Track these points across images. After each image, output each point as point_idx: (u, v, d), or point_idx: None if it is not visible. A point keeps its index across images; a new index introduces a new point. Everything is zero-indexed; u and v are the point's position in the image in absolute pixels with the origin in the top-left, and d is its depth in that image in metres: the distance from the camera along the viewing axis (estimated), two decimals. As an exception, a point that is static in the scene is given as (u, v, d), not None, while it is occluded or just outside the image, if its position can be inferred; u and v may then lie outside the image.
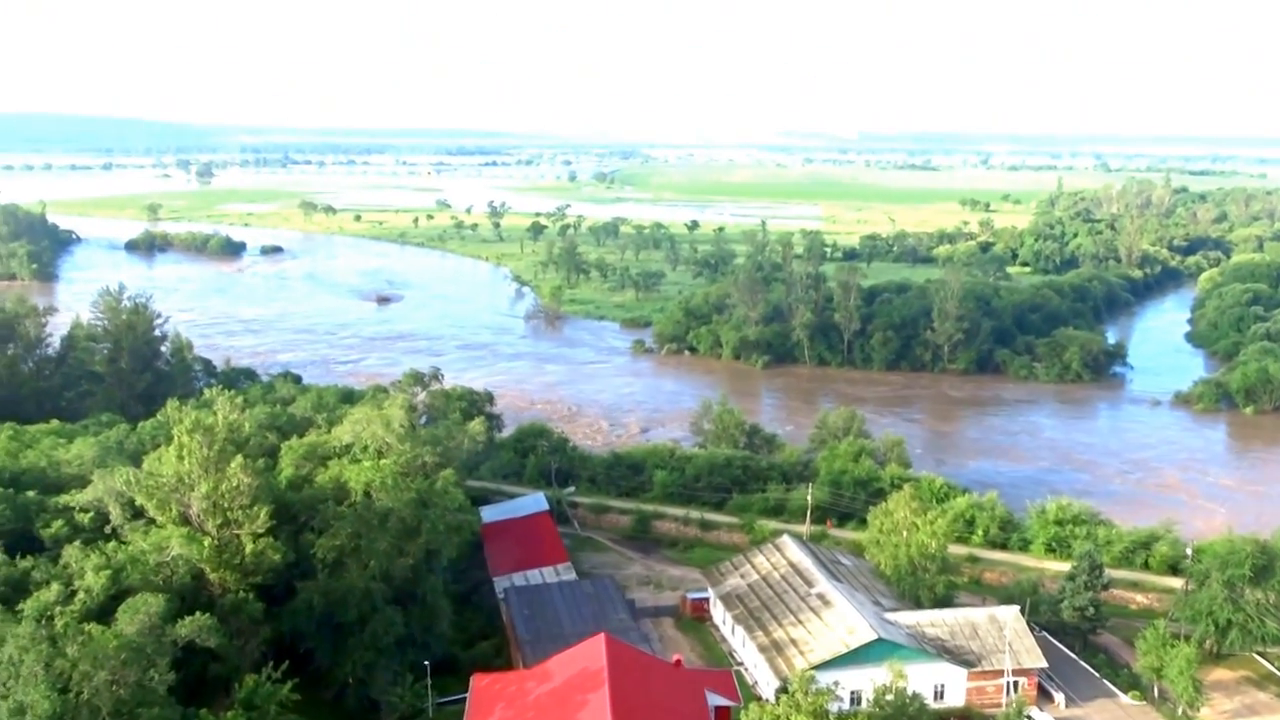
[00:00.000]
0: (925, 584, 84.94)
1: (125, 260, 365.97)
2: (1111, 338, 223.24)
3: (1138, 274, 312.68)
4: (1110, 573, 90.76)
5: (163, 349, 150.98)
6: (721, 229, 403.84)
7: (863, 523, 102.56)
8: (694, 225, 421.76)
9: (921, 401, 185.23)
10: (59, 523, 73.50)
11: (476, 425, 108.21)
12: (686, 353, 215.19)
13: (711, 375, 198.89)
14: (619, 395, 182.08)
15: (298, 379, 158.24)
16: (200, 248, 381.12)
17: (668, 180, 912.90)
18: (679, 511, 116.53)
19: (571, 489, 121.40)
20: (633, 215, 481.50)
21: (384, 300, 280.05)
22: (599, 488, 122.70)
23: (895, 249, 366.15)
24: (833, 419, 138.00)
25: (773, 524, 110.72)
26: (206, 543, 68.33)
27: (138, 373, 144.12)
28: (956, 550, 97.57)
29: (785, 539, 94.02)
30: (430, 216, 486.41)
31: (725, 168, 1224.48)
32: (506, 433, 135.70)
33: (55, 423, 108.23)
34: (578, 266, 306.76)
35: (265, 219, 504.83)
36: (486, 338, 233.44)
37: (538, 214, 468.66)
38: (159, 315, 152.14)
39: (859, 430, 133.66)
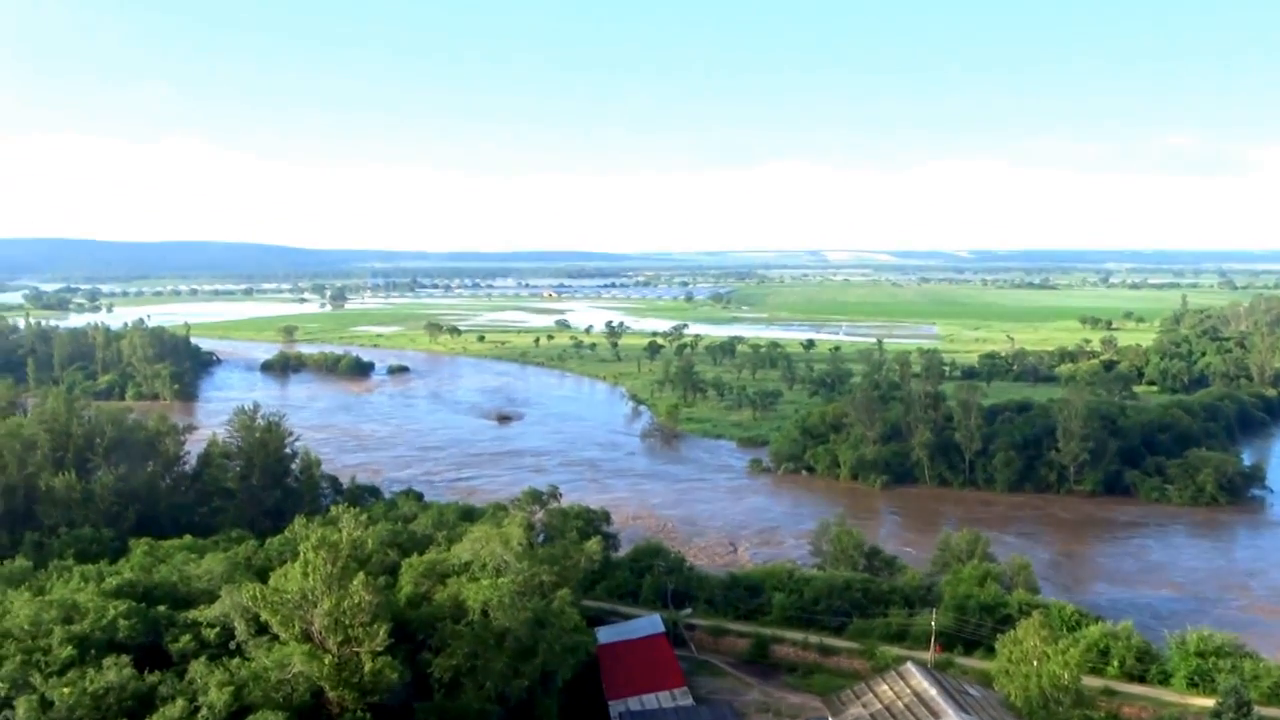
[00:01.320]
0: (1059, 718, 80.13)
1: (261, 380, 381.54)
2: (1247, 459, 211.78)
3: (1271, 392, 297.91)
4: (1259, 710, 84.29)
5: (292, 466, 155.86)
6: (837, 348, 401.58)
7: (990, 650, 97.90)
8: (810, 344, 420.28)
9: (1047, 524, 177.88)
10: (186, 637, 74.82)
11: (593, 544, 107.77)
12: (804, 472, 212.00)
13: (829, 495, 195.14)
14: (736, 514, 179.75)
15: (419, 496, 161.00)
16: (331, 368, 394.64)
17: (783, 300, 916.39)
18: (798, 635, 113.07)
19: (688, 610, 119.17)
20: (749, 334, 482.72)
21: (505, 418, 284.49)
22: (716, 609, 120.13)
23: (1015, 367, 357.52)
24: (956, 541, 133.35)
25: (895, 650, 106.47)
26: (327, 660, 68.75)
27: (268, 489, 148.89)
28: (1091, 682, 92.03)
29: (909, 666, 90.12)
30: (551, 337, 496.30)
31: (840, 287, 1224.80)
32: (623, 552, 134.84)
33: (189, 538, 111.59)
34: (694, 385, 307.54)
35: (393, 340, 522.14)
36: (604, 455, 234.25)
37: (655, 334, 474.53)
38: (290, 433, 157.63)
39: (983, 553, 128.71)
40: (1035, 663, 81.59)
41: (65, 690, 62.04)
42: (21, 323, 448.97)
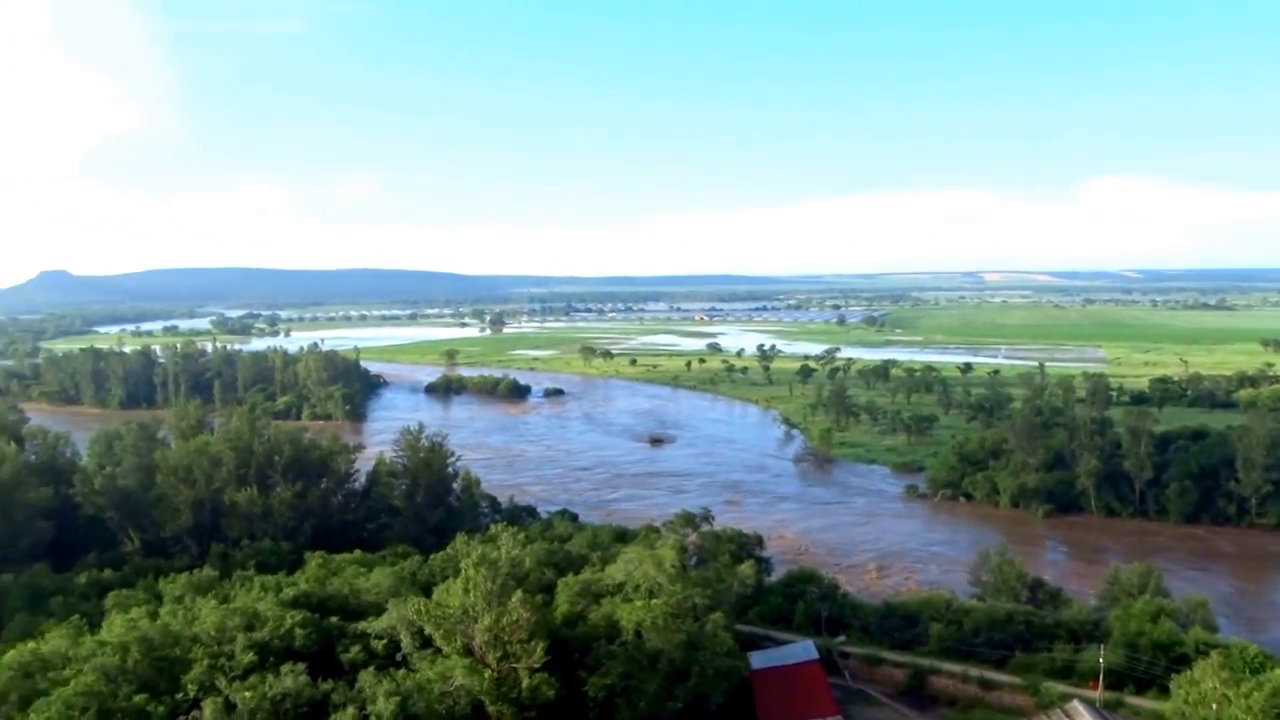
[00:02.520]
0: (1240, 766, 75.77)
1: (424, 402, 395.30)
2: None
3: None
4: None
5: (454, 485, 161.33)
6: (996, 372, 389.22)
7: (1163, 691, 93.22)
8: (967, 368, 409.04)
9: (1224, 558, 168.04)
10: (356, 648, 78.27)
11: (746, 568, 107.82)
12: (961, 499, 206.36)
13: (989, 523, 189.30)
14: (891, 541, 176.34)
15: (574, 517, 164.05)
16: (490, 391, 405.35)
17: (938, 323, 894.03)
18: (957, 668, 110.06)
19: (843, 638, 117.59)
20: (903, 358, 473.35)
21: (657, 441, 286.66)
22: (871, 638, 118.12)
23: (1189, 393, 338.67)
24: (1126, 574, 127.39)
25: (1060, 687, 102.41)
26: (487, 675, 71.02)
27: (431, 507, 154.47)
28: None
29: (1076, 705, 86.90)
30: (702, 360, 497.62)
31: (998, 309, 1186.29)
32: (775, 576, 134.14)
33: (358, 552, 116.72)
34: (847, 409, 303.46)
35: (549, 363, 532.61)
36: (755, 480, 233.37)
37: (807, 357, 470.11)
38: (452, 454, 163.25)
39: (1156, 588, 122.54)
40: (1214, 705, 77.51)
41: (247, 694, 65.94)
42: (210, 347, 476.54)
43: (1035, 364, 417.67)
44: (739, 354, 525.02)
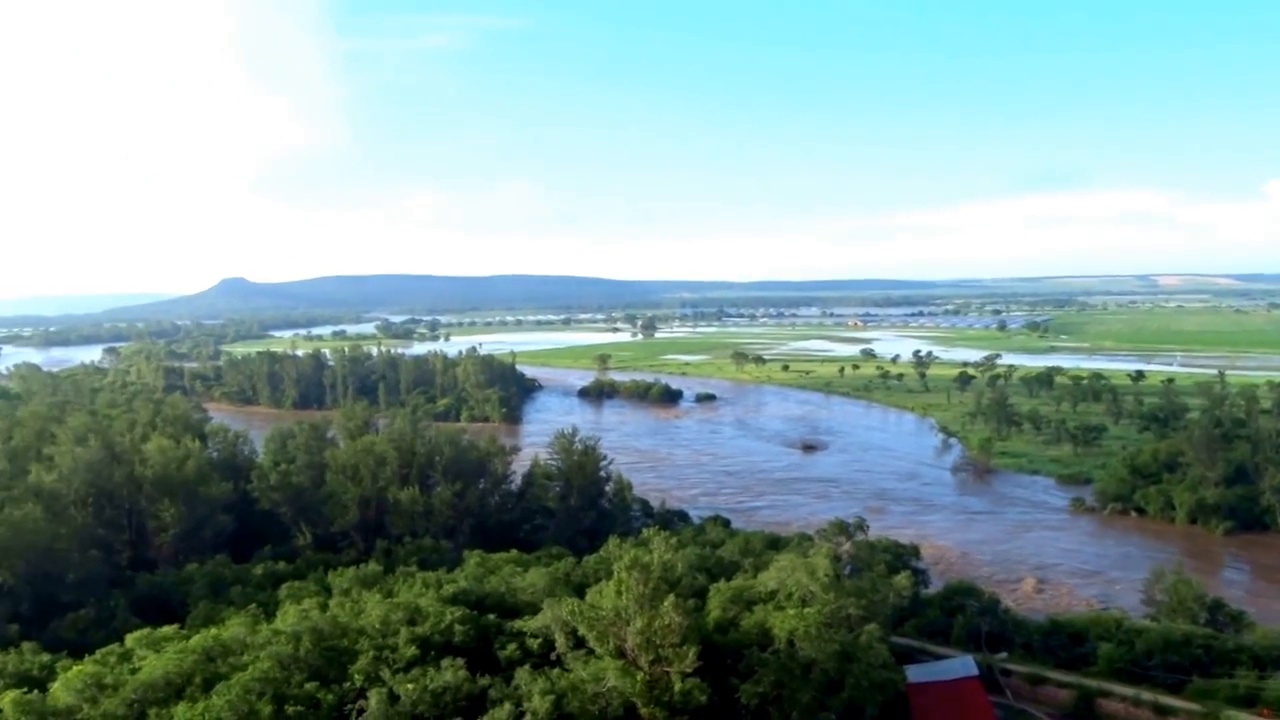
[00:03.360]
0: None
1: (577, 405, 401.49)
2: None
3: None
4: None
5: (606, 488, 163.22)
6: (1170, 380, 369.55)
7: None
8: (1139, 376, 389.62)
9: None
10: (512, 646, 79.88)
11: (902, 579, 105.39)
12: (1133, 513, 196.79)
13: (1162, 540, 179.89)
14: (1055, 556, 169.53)
15: (726, 523, 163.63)
16: (642, 395, 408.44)
17: (1107, 328, 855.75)
18: (1128, 691, 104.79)
19: (1004, 655, 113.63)
20: (1068, 365, 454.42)
21: (809, 448, 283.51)
22: (1034, 656, 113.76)
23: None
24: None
25: (1243, 716, 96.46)
26: (639, 677, 71.42)
27: (584, 510, 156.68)
28: None
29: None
30: (856, 366, 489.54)
31: (1173, 314, 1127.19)
32: (933, 589, 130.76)
33: (514, 552, 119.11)
34: (1009, 418, 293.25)
35: (700, 369, 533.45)
36: (911, 489, 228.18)
37: (965, 364, 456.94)
38: (605, 457, 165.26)
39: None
40: None
41: (409, 686, 68.12)
42: (375, 351, 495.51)
43: (1214, 372, 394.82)
44: (894, 360, 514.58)
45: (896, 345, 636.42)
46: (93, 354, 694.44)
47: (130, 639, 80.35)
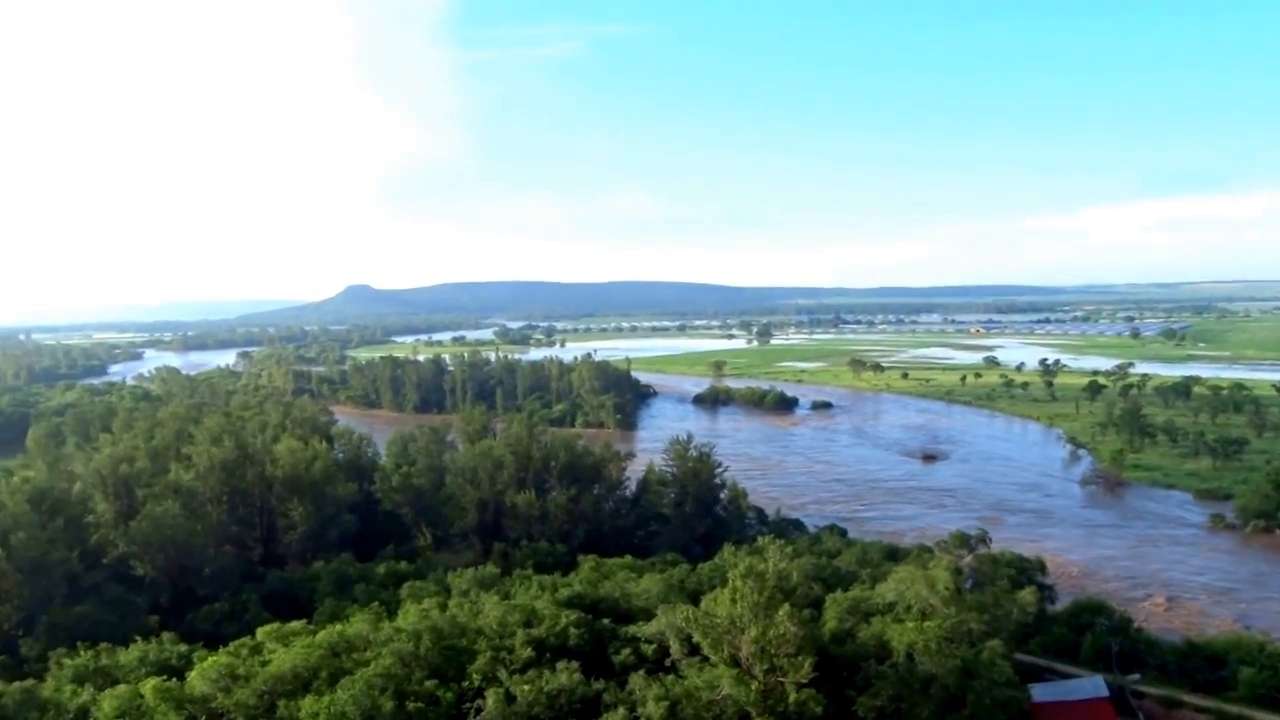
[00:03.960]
0: None
1: (692, 412, 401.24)
2: None
3: None
4: None
5: (721, 495, 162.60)
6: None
7: None
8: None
9: None
10: (626, 651, 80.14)
11: (1027, 594, 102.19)
12: (1277, 531, 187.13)
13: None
14: (1190, 575, 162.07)
15: (843, 532, 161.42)
16: (757, 402, 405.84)
17: (1250, 336, 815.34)
18: (1271, 719, 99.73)
19: (1137, 676, 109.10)
20: (1207, 375, 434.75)
21: (929, 457, 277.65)
22: (1169, 679, 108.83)
23: None
24: None
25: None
26: (754, 686, 70.84)
27: (699, 517, 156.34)
28: None
29: None
30: (978, 375, 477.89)
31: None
32: (1060, 605, 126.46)
33: (628, 558, 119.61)
34: (1142, 429, 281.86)
35: (816, 376, 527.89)
36: (1037, 502, 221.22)
37: (1095, 372, 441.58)
38: (719, 464, 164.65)
39: None
40: None
41: (526, 687, 68.98)
42: (493, 356, 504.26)
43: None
44: (1019, 368, 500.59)
45: (1021, 353, 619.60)
46: (227, 358, 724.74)
47: (261, 632, 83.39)
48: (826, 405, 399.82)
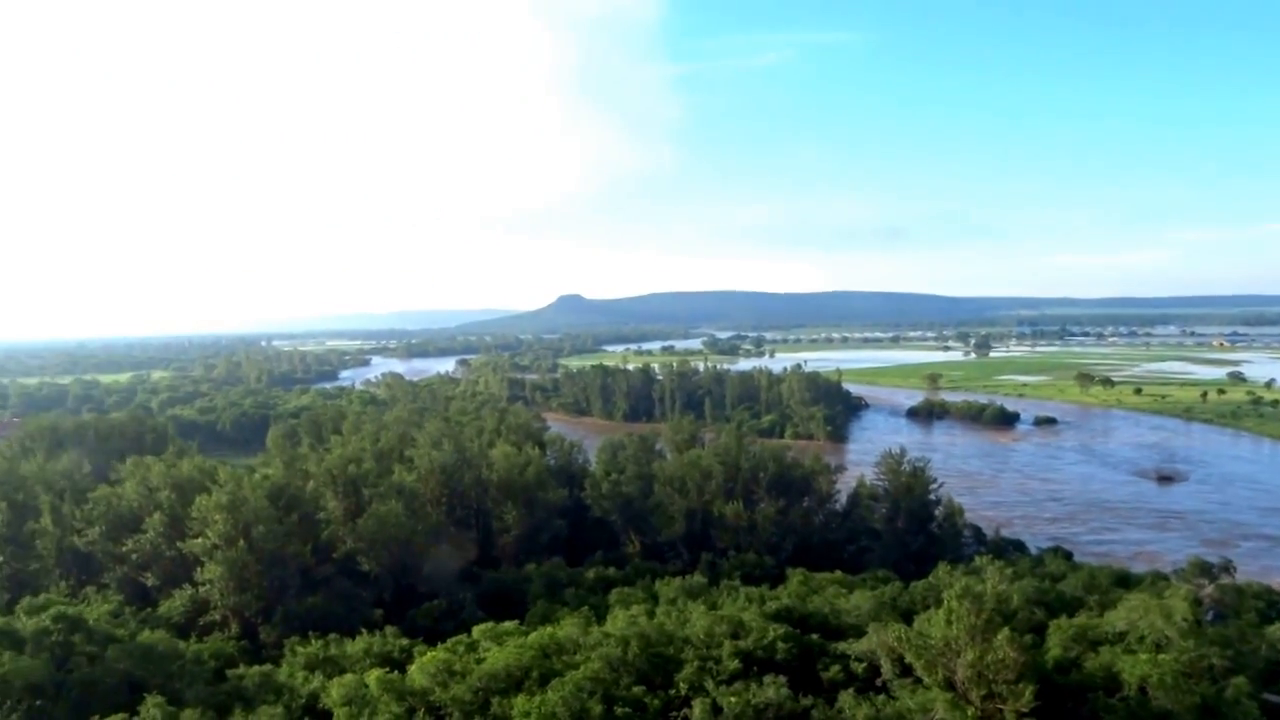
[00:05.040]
0: None
1: (905, 426, 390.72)
2: None
3: None
4: None
5: (936, 512, 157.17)
6: None
7: None
8: None
9: None
10: (835, 667, 78.34)
11: (1277, 630, 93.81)
12: None
13: None
14: None
15: (1068, 555, 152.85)
16: (975, 417, 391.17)
17: None
18: None
19: None
20: None
21: (1165, 478, 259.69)
22: None
23: None
24: None
25: None
26: (970, 712, 67.82)
27: (912, 533, 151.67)
28: None
29: None
30: (1221, 391, 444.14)
31: None
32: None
33: (838, 573, 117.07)
34: None
35: (1039, 390, 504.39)
36: (1268, 524, 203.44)
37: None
38: (934, 480, 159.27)
39: None
40: None
41: (732, 699, 68.38)
42: (701, 366, 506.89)
43: None
44: (1269, 385, 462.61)
45: (1271, 368, 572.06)
46: (447, 365, 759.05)
47: (476, 631, 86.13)
48: (1050, 421, 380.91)
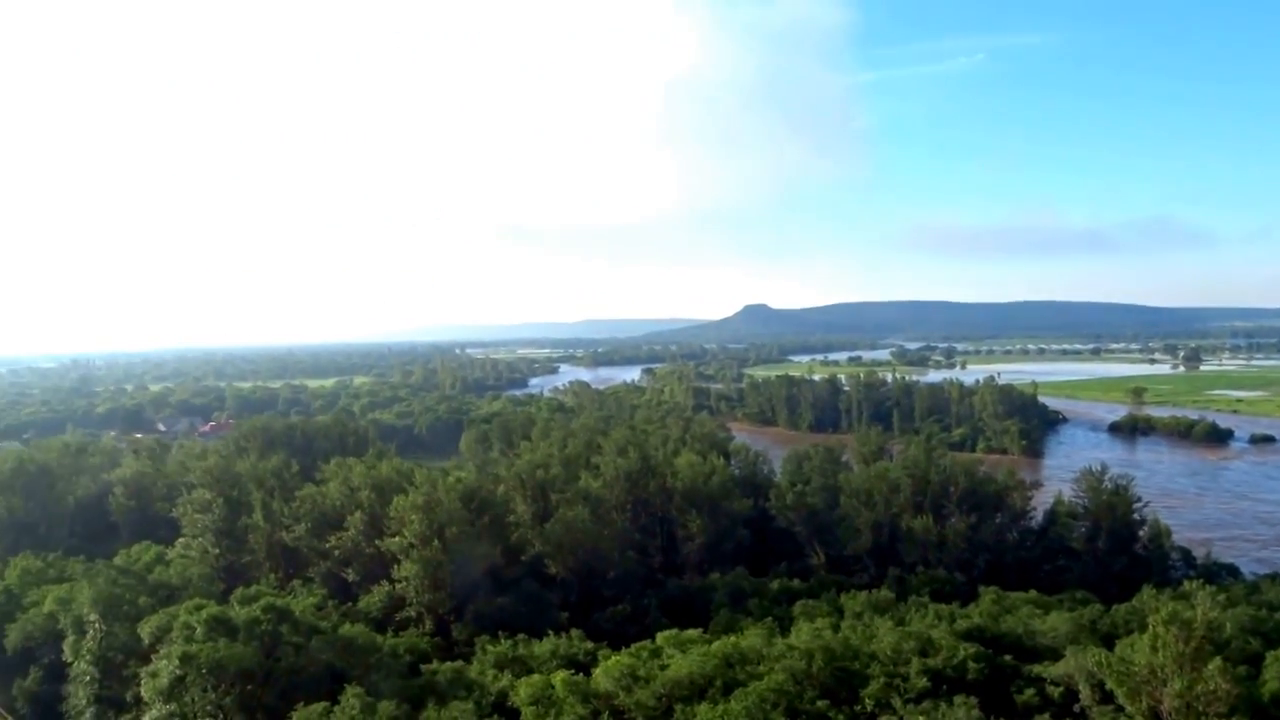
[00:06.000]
0: None
1: (1105, 441, 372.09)
2: None
3: None
4: None
5: (1140, 532, 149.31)
6: None
7: None
8: None
9: None
10: (1030, 691, 75.77)
11: None
12: None
13: None
14: None
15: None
16: (1183, 433, 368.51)
17: None
18: None
19: None
20: None
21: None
22: None
23: None
24: None
25: None
26: (1177, 745, 64.34)
27: (1113, 554, 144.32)
28: None
29: None
30: None
31: None
32: None
33: (1033, 592, 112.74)
34: None
35: (1256, 406, 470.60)
36: None
37: None
38: (1138, 499, 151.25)
39: None
40: None
41: (921, 718, 66.95)
42: (889, 377, 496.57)
43: None
44: None
45: None
46: (632, 373, 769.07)
47: (660, 637, 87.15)
48: (1268, 439, 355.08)
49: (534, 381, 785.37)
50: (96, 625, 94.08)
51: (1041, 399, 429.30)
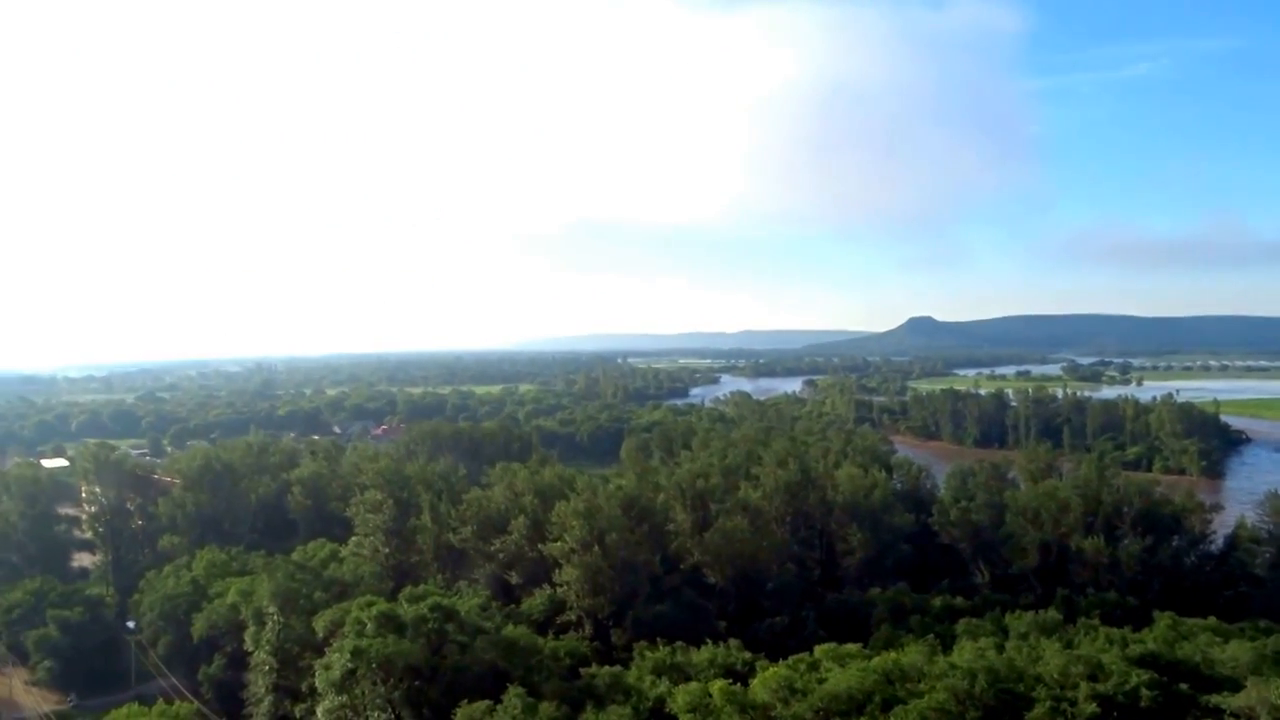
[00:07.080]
0: None
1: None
2: None
3: None
4: None
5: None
6: None
7: None
8: None
9: None
10: (1209, 722, 72.45)
11: None
12: None
13: None
14: None
15: None
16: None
17: None
18: None
19: None
20: None
21: None
22: None
23: None
24: None
25: None
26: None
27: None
28: None
29: None
30: None
31: None
32: None
33: (1212, 619, 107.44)
34: None
35: None
36: None
37: None
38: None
39: None
40: None
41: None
42: (1060, 393, 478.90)
43: None
44: None
45: None
46: (793, 385, 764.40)
47: (819, 650, 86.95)
48: None
49: (695, 391, 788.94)
50: (275, 617, 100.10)
51: (1223, 417, 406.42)
